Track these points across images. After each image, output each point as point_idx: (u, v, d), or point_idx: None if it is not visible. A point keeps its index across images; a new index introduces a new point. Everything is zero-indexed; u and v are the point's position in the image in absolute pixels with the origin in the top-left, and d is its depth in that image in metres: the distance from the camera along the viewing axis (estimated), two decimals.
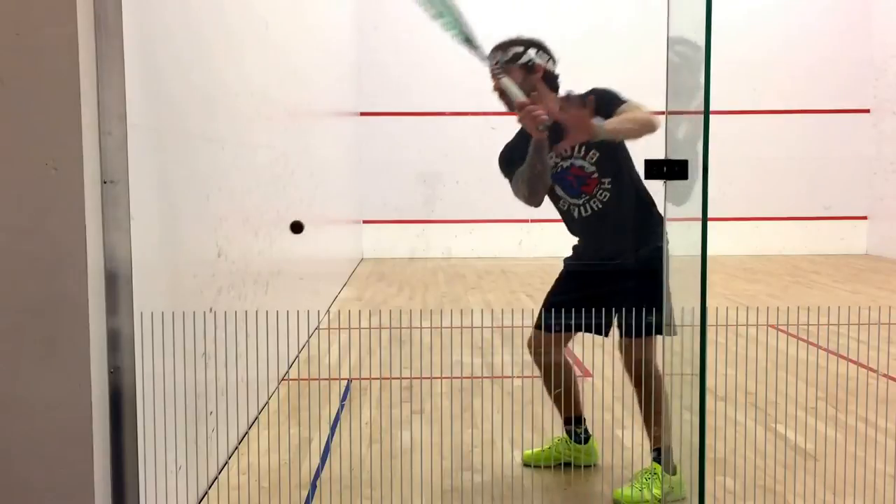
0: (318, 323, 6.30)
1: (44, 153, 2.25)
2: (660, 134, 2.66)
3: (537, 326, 3.52)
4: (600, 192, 3.35)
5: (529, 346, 3.58)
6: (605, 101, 3.12)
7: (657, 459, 3.30)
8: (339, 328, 6.33)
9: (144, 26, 2.67)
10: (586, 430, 3.65)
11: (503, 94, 3.28)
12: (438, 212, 11.88)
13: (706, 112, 2.49)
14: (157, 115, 2.80)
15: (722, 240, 11.45)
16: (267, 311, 4.27)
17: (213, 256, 3.56)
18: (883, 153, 11.99)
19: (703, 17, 2.43)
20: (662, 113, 2.64)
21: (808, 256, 11.95)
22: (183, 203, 3.16)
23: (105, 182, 2.34)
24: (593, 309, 3.33)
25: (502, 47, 3.29)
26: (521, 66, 3.26)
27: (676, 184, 2.58)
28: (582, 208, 3.40)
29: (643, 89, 3.27)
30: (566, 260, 3.59)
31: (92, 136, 2.30)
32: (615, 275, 3.36)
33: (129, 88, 2.38)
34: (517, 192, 3.35)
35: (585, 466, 3.63)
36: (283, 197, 5.31)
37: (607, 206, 3.36)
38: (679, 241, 2.68)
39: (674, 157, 2.56)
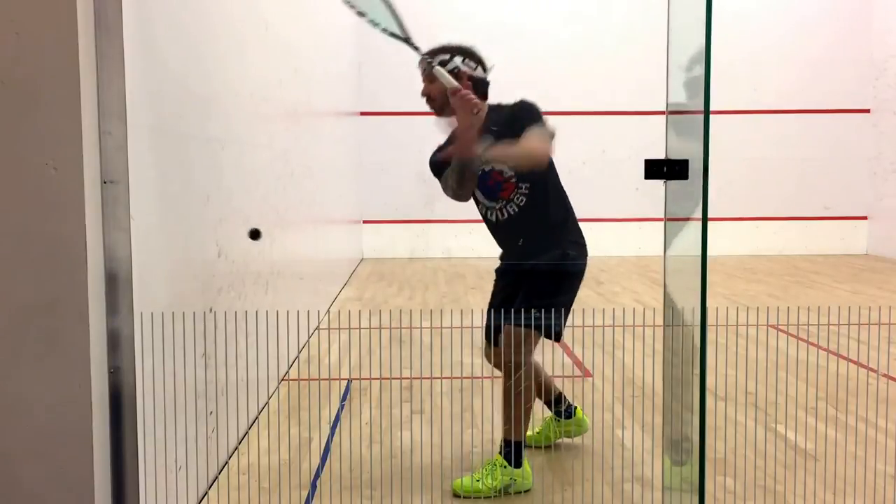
0: (318, 323, 6.31)
1: (44, 153, 2.25)
2: (660, 133, 2.66)
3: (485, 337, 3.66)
4: (517, 196, 3.36)
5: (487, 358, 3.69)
6: (518, 119, 3.20)
7: (502, 452, 3.37)
8: (339, 328, 6.34)
9: (144, 26, 2.67)
10: (569, 405, 3.79)
11: (430, 99, 3.35)
12: (438, 212, 11.88)
13: (706, 112, 2.49)
14: (157, 115, 2.80)
15: (722, 240, 11.49)
16: (267, 311, 4.28)
17: (213, 256, 3.56)
18: (883, 153, 11.99)
19: (704, 16, 2.43)
20: (662, 113, 2.64)
21: (808, 256, 11.96)
22: (183, 203, 3.16)
23: (105, 182, 2.34)
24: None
25: (431, 54, 3.30)
26: (448, 73, 3.25)
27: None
28: (498, 213, 3.42)
29: (643, 88, 3.30)
30: (497, 270, 3.66)
31: (92, 136, 2.30)
32: (522, 279, 3.41)
33: (129, 88, 2.38)
34: (446, 189, 3.38)
35: (577, 435, 3.82)
36: (283, 197, 5.31)
37: (522, 211, 3.37)
38: (679, 241, 2.68)
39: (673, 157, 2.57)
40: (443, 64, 3.26)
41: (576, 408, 3.83)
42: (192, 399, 3.05)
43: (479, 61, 3.35)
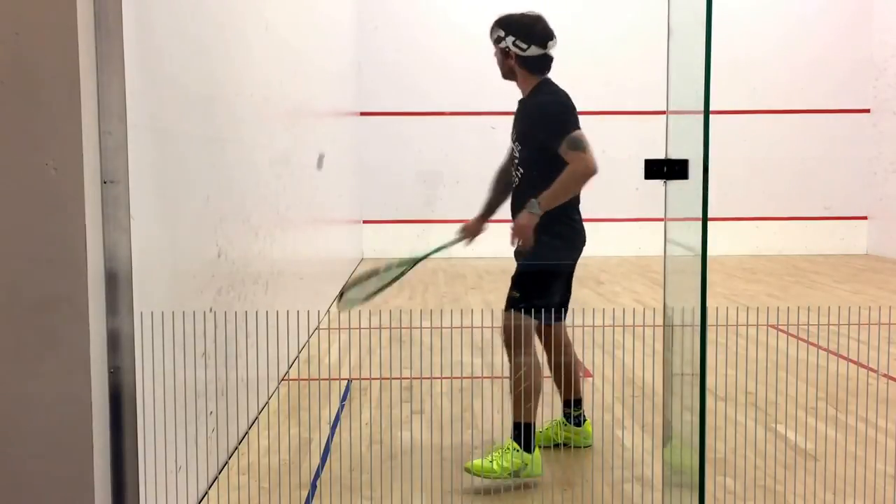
0: (318, 323, 6.31)
1: (44, 153, 2.25)
2: (660, 133, 2.66)
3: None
4: (516, 172, 3.61)
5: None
6: (551, 131, 3.39)
7: (515, 437, 3.41)
8: (339, 328, 6.33)
9: (144, 26, 2.67)
10: (582, 414, 3.81)
11: (499, 63, 3.59)
12: (438, 212, 11.87)
13: (706, 112, 2.49)
14: (157, 115, 2.80)
15: (722, 240, 11.47)
16: (267, 311, 4.28)
17: (213, 256, 3.56)
18: (883, 153, 11.98)
19: (704, 16, 2.43)
20: (663, 112, 2.64)
21: (808, 256, 11.95)
22: (183, 203, 3.16)
23: (105, 182, 2.34)
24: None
25: (493, 25, 3.57)
26: (500, 50, 3.56)
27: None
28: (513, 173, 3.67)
29: (643, 88, 3.33)
30: None
31: (92, 136, 2.30)
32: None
33: (129, 88, 2.38)
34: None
35: (585, 447, 3.83)
36: (283, 197, 5.31)
37: (518, 186, 3.60)
38: (679, 241, 2.68)
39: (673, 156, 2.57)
40: (498, 41, 3.53)
41: (586, 419, 3.84)
42: (192, 399, 3.05)
43: (534, 39, 3.47)
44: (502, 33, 3.50)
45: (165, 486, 2.77)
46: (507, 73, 3.58)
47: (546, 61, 3.53)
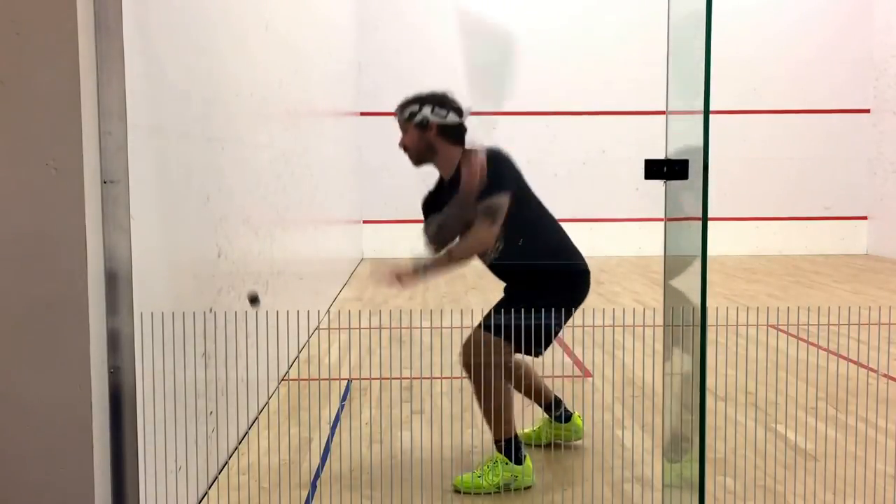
0: (318, 323, 6.31)
1: (44, 153, 2.25)
2: (660, 133, 2.66)
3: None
4: (493, 251, 3.47)
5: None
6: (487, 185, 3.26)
7: (500, 450, 3.40)
8: (339, 328, 6.33)
9: (144, 26, 2.67)
10: (566, 409, 3.81)
11: (406, 149, 3.42)
12: None
13: (706, 112, 2.49)
14: (157, 115, 2.80)
15: (722, 240, 11.48)
16: (267, 311, 4.28)
17: (213, 256, 3.56)
18: (883, 153, 11.99)
19: (704, 15, 2.43)
20: (662, 113, 2.64)
21: (808, 256, 11.96)
22: (183, 203, 3.16)
23: (105, 182, 2.34)
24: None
25: (401, 106, 3.41)
26: (416, 125, 3.37)
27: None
28: (484, 260, 3.55)
29: (643, 88, 3.32)
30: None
31: (92, 136, 2.30)
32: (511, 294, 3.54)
33: (129, 88, 2.38)
34: (426, 234, 3.57)
35: (568, 441, 3.84)
36: (283, 197, 5.31)
37: (501, 258, 3.48)
38: (679, 241, 2.68)
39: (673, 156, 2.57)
40: (412, 116, 3.36)
41: (573, 414, 3.83)
42: (192, 399, 3.05)
43: (451, 107, 3.40)
44: (416, 107, 3.36)
45: (165, 486, 2.77)
46: (425, 152, 3.39)
47: (464, 132, 3.41)
